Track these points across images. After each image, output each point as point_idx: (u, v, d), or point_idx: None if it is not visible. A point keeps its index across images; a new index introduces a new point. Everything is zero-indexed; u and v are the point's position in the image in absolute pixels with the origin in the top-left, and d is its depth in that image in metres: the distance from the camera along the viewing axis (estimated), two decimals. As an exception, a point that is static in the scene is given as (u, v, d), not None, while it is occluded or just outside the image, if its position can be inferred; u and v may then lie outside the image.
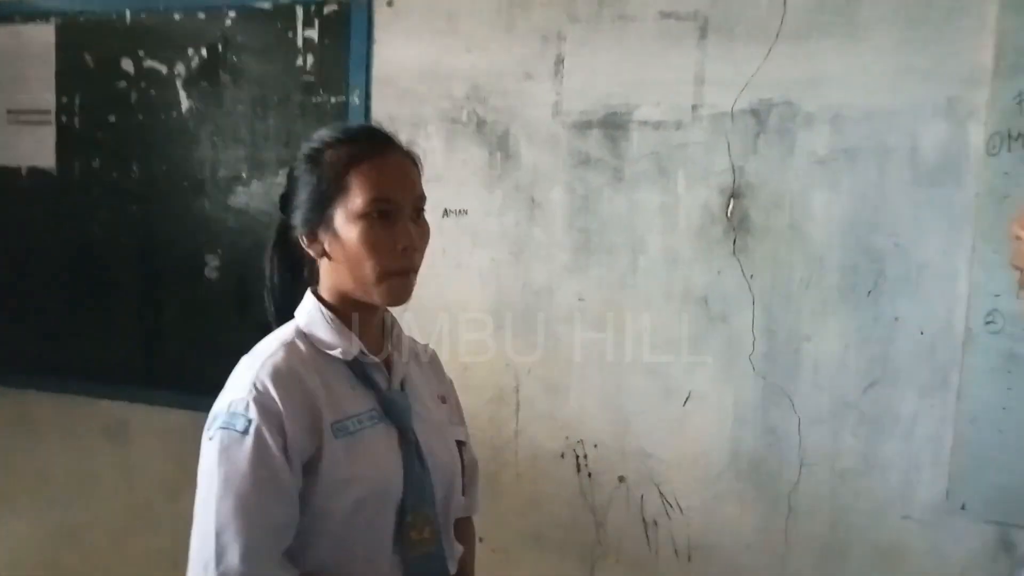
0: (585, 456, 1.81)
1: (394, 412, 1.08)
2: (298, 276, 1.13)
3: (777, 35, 1.65)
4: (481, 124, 1.86)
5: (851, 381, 1.62)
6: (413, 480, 1.06)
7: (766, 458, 1.68)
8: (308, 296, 1.10)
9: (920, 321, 1.58)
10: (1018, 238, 0.70)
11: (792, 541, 1.67)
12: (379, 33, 1.93)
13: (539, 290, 1.82)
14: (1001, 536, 1.52)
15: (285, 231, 1.10)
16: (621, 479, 1.78)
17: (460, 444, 1.21)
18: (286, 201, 1.10)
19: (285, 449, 0.97)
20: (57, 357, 2.32)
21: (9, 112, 2.32)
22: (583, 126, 1.79)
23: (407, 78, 1.90)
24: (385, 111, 1.91)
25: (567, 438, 1.81)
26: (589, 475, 1.80)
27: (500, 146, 1.85)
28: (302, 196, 1.06)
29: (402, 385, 1.12)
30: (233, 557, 0.94)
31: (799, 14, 1.63)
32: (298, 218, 1.07)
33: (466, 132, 1.87)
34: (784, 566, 1.68)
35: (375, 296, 1.04)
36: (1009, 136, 1.50)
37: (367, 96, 1.94)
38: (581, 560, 1.81)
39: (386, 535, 1.04)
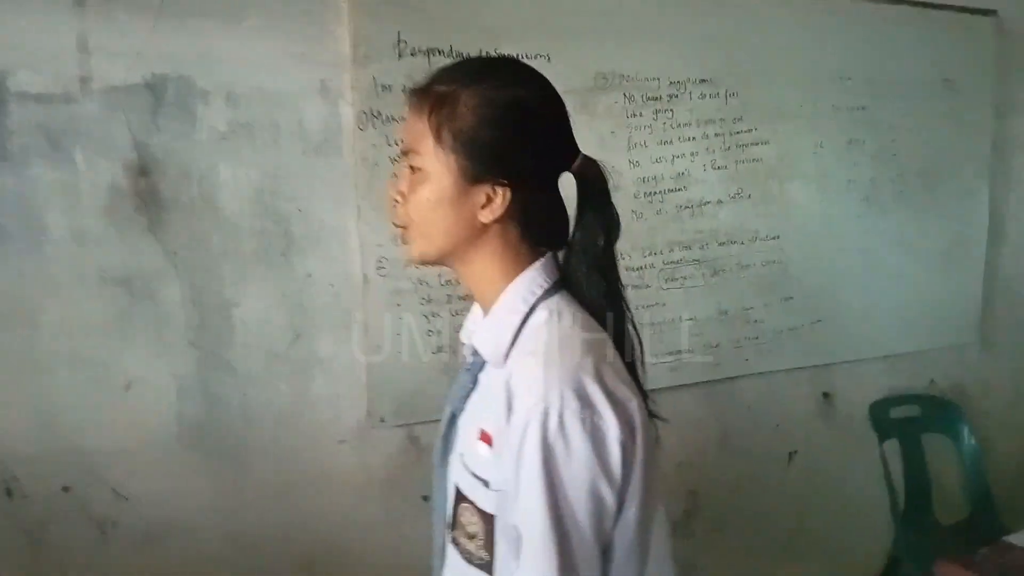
0: (15, 477, 1.58)
1: None
2: None
3: (160, 8, 1.65)
4: None
5: (280, 336, 1.80)
6: None
7: (211, 423, 1.74)
8: None
9: (327, 274, 1.83)
10: (395, 200, 0.91)
11: (246, 492, 1.78)
12: None
13: (-92, 296, 1.49)
14: (408, 433, 1.92)
15: None
16: (66, 489, 1.62)
17: None
18: None
19: None
20: None
21: None
22: (-62, 95, 1.50)
23: None
24: None
25: (-17, 460, 1.55)
26: (24, 496, 1.59)
27: None
28: None
29: None
30: None
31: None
32: None
33: None
34: (237, 519, 1.78)
35: None
36: (372, 114, 1.84)
37: None
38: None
39: None
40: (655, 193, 2.20)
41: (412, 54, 1.87)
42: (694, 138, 2.25)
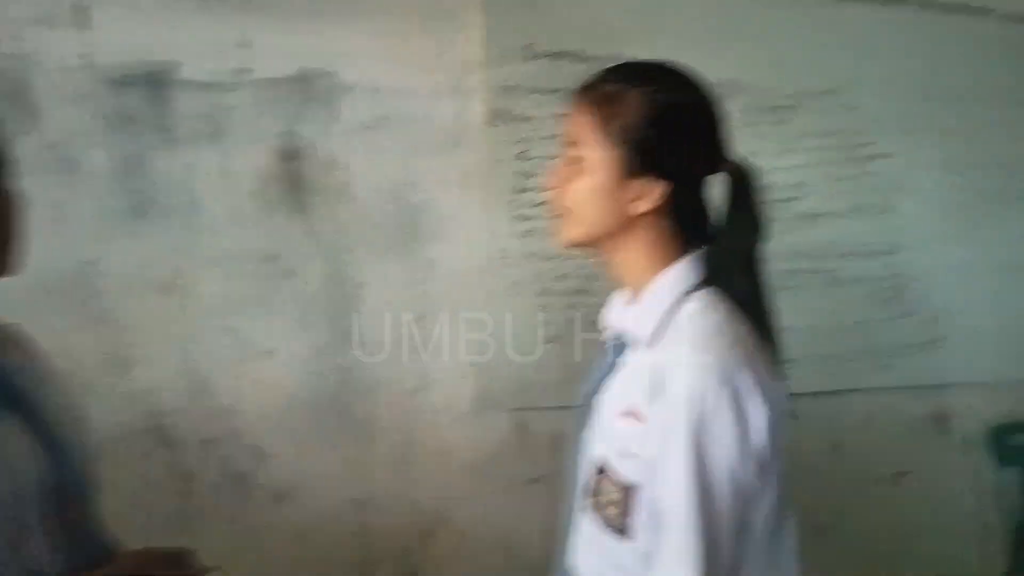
0: (163, 427, 1.74)
1: None
2: None
3: (311, 9, 1.79)
4: (-14, 72, 1.59)
5: (406, 316, 1.90)
6: None
7: (341, 393, 1.86)
8: None
9: (451, 263, 1.92)
10: (553, 187, 0.97)
11: (367, 459, 1.88)
12: None
13: (90, 260, 1.67)
14: (518, 419, 1.99)
15: None
16: (207, 441, 1.77)
17: None
18: None
19: None
20: None
21: None
22: (121, 82, 1.68)
23: None
24: None
25: (144, 412, 1.71)
26: (173, 445, 1.75)
27: (16, 100, 1.61)
28: None
29: None
30: None
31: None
32: None
33: (-34, 80, 1.58)
34: (359, 483, 1.87)
35: None
36: (501, 113, 1.92)
37: None
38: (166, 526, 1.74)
39: None
40: (773, 201, 2.19)
41: (540, 57, 1.95)
42: (814, 149, 2.23)
